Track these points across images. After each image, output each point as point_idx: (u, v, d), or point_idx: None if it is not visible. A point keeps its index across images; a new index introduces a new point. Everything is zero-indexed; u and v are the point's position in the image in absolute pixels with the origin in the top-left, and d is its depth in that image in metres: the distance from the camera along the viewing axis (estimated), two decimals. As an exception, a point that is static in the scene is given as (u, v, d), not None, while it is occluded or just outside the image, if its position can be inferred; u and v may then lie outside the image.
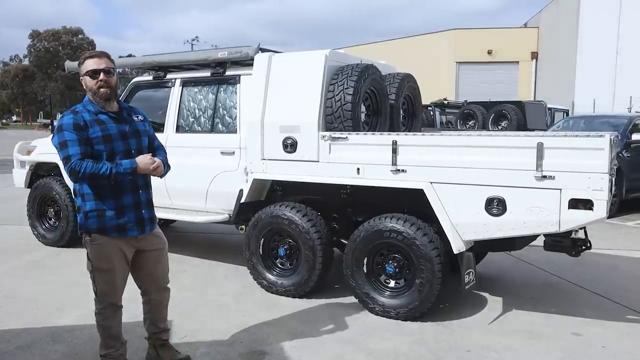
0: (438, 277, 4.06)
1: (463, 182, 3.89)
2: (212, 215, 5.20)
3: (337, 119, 4.42)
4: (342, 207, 4.83)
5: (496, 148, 3.78)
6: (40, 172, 6.53)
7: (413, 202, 4.15)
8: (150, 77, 5.66)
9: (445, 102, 14.83)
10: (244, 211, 5.01)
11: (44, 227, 6.39)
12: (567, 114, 15.17)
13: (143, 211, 3.04)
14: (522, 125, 12.28)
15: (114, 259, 2.98)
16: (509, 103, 12.84)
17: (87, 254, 3.01)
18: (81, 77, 2.94)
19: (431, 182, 4.01)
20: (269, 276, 4.82)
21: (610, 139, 3.44)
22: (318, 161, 4.47)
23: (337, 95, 4.41)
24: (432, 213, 4.02)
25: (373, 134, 4.33)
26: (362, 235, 4.33)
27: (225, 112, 5.16)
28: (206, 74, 5.26)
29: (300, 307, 4.49)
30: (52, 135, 2.96)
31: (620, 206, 9.30)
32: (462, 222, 3.94)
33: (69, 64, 6.11)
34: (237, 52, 4.93)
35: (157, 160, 2.99)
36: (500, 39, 28.96)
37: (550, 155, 3.58)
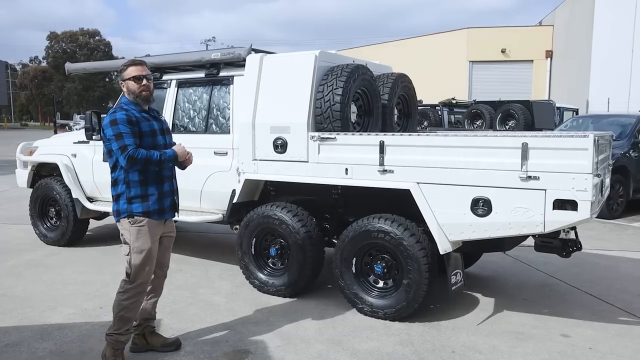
0: (425, 277, 4.05)
1: (449, 183, 3.88)
2: (206, 215, 5.25)
3: (326, 119, 4.43)
4: (334, 208, 4.85)
5: (481, 148, 3.77)
6: (42, 172, 6.63)
7: (403, 203, 4.14)
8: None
9: (454, 101, 14.72)
10: (237, 211, 5.05)
11: (45, 226, 6.50)
12: (577, 113, 14.96)
13: (175, 197, 3.51)
14: (530, 125, 12.16)
15: (152, 239, 3.31)
16: (517, 102, 12.71)
17: (124, 238, 3.31)
18: (123, 81, 3.35)
19: (418, 183, 4.01)
20: (261, 276, 4.85)
21: (595, 139, 3.41)
22: (307, 161, 4.49)
23: (326, 95, 4.42)
24: (420, 213, 4.02)
25: (361, 134, 4.34)
26: (351, 235, 4.34)
27: (218, 112, 5.20)
28: (201, 75, 5.31)
29: (290, 307, 4.52)
30: (101, 129, 3.35)
31: (627, 206, 9.17)
32: (449, 223, 3.93)
33: (69, 66, 6.21)
34: (230, 53, 4.97)
35: (190, 151, 3.47)
36: (514, 38, 28.64)
37: (534, 155, 3.56)
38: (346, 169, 4.30)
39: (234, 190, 4.96)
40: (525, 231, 3.69)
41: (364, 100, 4.86)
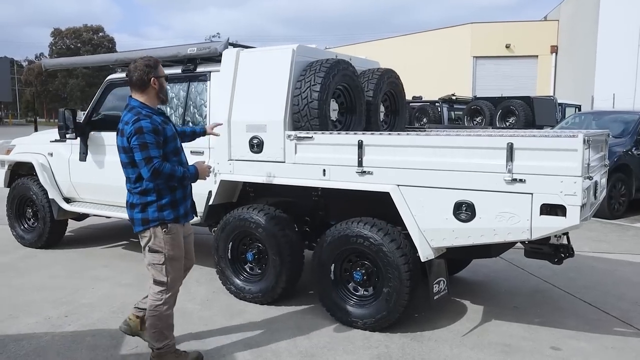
0: (406, 286, 3.81)
1: (431, 185, 3.63)
2: (183, 218, 5.01)
3: (303, 117, 4.19)
4: (314, 210, 4.61)
5: (464, 149, 3.51)
6: (21, 171, 6.43)
7: (386, 206, 3.88)
8: (124, 75, 5.50)
9: (454, 97, 14.41)
10: (215, 213, 4.82)
11: (22, 227, 6.30)
12: (579, 110, 14.61)
13: (192, 199, 3.48)
14: (530, 122, 11.85)
15: (181, 246, 3.29)
16: (517, 98, 12.39)
17: (152, 247, 3.18)
18: (155, 78, 3.18)
19: (398, 185, 3.76)
20: (237, 282, 4.62)
21: (585, 139, 3.15)
22: (284, 162, 4.25)
23: (303, 92, 4.18)
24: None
25: (339, 133, 4.09)
26: (329, 240, 4.10)
27: (195, 110, 4.97)
28: (178, 71, 5.07)
29: (266, 315, 4.29)
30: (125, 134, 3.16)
31: (629, 206, 8.88)
32: (430, 228, 3.68)
33: (45, 62, 6.01)
34: (206, 47, 4.73)
35: (210, 165, 3.52)
36: (518, 33, 28.23)
37: (520, 156, 3.30)
38: (324, 170, 4.06)
39: (210, 192, 4.73)
40: (511, 238, 3.44)
41: (345, 97, 4.61)
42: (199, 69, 4.94)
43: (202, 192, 4.77)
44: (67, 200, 5.93)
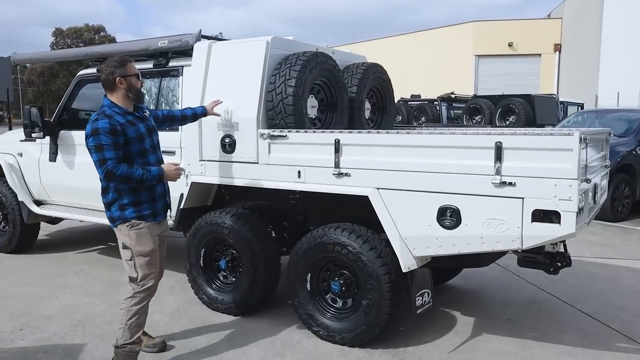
0: (387, 298, 3.48)
1: (413, 189, 3.30)
2: (155, 222, 4.70)
3: (277, 114, 3.87)
4: (292, 215, 4.29)
5: (449, 148, 3.18)
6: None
7: (369, 211, 3.54)
8: (95, 70, 5.19)
9: (453, 96, 14.05)
10: (187, 217, 4.51)
11: (-8, 231, 6.01)
12: (582, 108, 14.22)
13: (167, 198, 3.39)
14: (531, 120, 11.48)
15: (152, 241, 3.21)
16: (517, 97, 12.02)
17: (123, 243, 3.19)
18: (121, 77, 3.11)
19: (377, 188, 3.43)
20: (210, 291, 4.31)
21: (582, 137, 2.81)
22: (257, 162, 3.93)
23: (278, 87, 3.86)
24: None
25: (314, 131, 3.77)
26: (305, 248, 3.77)
27: (167, 107, 4.65)
28: (150, 65, 4.76)
29: (238, 328, 3.97)
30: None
31: (633, 208, 8.51)
32: (412, 235, 3.36)
33: (15, 57, 5.70)
34: (177, 40, 4.42)
35: (181, 167, 3.35)
36: (521, 31, 27.84)
37: (510, 157, 2.98)
38: (299, 172, 3.74)
39: (182, 194, 4.41)
40: (500, 247, 3.11)
41: (326, 93, 4.29)
42: (172, 64, 4.62)
43: (173, 194, 4.45)
44: (38, 203, 5.63)
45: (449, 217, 3.18)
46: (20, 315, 4.16)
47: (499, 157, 2.98)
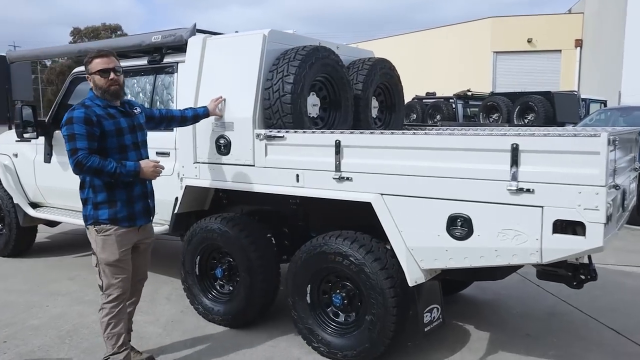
0: (392, 314, 3.18)
1: (420, 195, 3.00)
2: (150, 227, 4.46)
3: (275, 113, 3.59)
4: (293, 220, 4.02)
5: (460, 151, 2.87)
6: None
7: (376, 218, 3.25)
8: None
9: (469, 93, 13.62)
10: (183, 222, 4.26)
11: (-11, 234, 5.83)
12: (605, 105, 13.69)
13: (149, 201, 3.14)
14: (551, 118, 11.04)
15: (121, 249, 2.97)
16: (537, 94, 11.57)
17: (92, 247, 3.02)
18: (89, 76, 3.01)
19: (382, 194, 3.14)
20: (205, 301, 4.05)
21: (610, 138, 2.48)
22: (253, 165, 3.66)
23: (275, 84, 3.58)
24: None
25: (313, 132, 3.49)
26: (304, 257, 3.49)
27: (162, 106, 4.40)
28: (144, 62, 4.52)
29: (234, 343, 3.71)
30: None
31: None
32: (420, 246, 3.06)
33: (10, 54, 5.52)
34: (171, 34, 4.17)
35: (161, 164, 3.07)
36: (541, 27, 27.13)
37: (528, 160, 2.66)
38: (297, 175, 3.45)
39: (176, 198, 4.16)
40: (517, 260, 2.79)
41: (328, 90, 4.00)
42: (167, 60, 4.37)
43: (168, 198, 4.22)
44: (34, 205, 5.43)
45: (459, 226, 2.88)
46: (6, 325, 3.95)
47: (515, 161, 2.67)
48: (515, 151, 2.66)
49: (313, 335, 3.51)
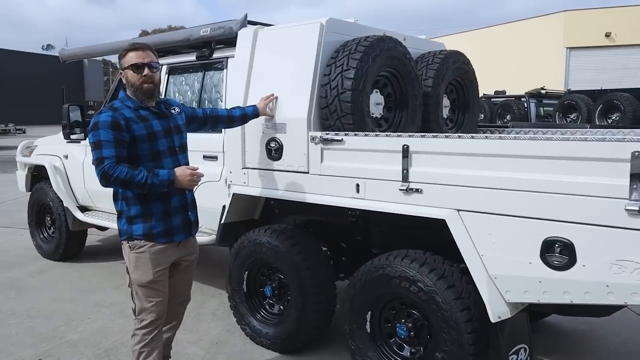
0: (469, 352, 2.65)
1: (507, 213, 2.46)
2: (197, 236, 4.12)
3: (332, 113, 3.14)
4: (352, 235, 3.56)
5: (561, 160, 2.31)
6: (43, 175, 5.83)
7: (450, 235, 2.74)
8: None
9: (543, 91, 12.63)
10: (231, 233, 3.89)
11: (41, 236, 5.73)
12: None
13: (189, 213, 2.78)
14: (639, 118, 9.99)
15: (155, 269, 2.64)
16: (623, 91, 10.50)
17: (127, 265, 2.71)
18: (122, 71, 2.68)
19: (458, 210, 2.61)
20: (253, 322, 3.67)
21: None
22: (308, 172, 3.23)
23: (333, 80, 3.13)
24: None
25: (377, 135, 3.01)
26: (364, 279, 3.02)
27: (210, 105, 4.06)
28: (193, 58, 4.19)
29: (283, 372, 3.29)
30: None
31: None
32: (505, 275, 2.51)
33: (62, 52, 5.37)
34: (221, 27, 3.80)
35: (199, 171, 2.67)
36: (620, 20, 25.27)
37: (655, 173, 2.06)
38: (357, 185, 2.99)
39: (224, 207, 3.80)
40: (638, 300, 2.20)
41: (394, 87, 3.51)
42: (216, 55, 4.02)
43: (215, 206, 3.86)
44: (83, 209, 5.25)
45: (558, 253, 2.31)
46: (44, 340, 3.71)
47: (638, 176, 2.08)
48: (637, 161, 2.08)
49: (373, 370, 3.03)
